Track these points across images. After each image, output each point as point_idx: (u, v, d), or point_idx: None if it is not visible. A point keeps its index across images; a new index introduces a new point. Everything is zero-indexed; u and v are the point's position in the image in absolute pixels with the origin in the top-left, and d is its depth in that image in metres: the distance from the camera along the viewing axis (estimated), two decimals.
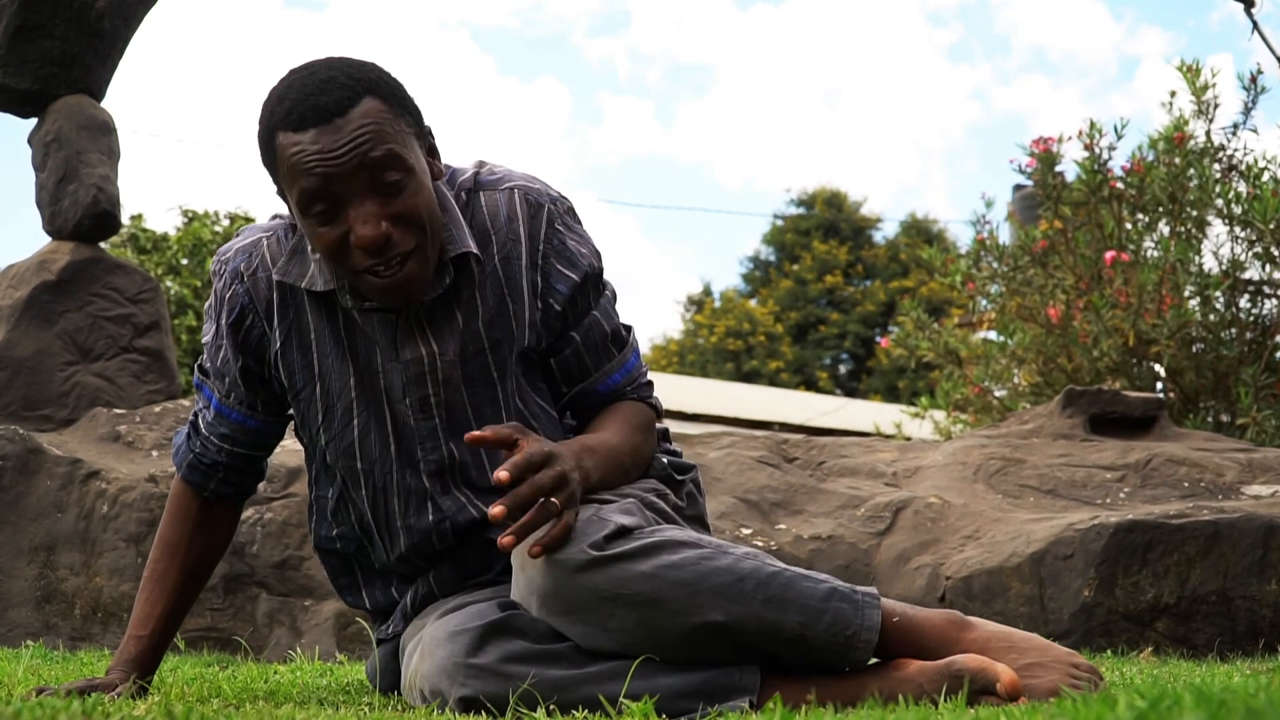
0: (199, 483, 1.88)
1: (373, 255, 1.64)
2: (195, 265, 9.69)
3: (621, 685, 1.58)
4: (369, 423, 1.79)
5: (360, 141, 1.62)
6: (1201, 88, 5.78)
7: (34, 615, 3.24)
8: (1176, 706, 1.04)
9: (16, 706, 1.31)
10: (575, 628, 1.60)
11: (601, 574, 1.56)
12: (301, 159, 1.63)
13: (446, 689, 1.62)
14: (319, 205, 1.64)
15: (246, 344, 1.80)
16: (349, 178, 1.62)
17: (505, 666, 1.61)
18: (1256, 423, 5.10)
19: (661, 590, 1.56)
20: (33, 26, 3.93)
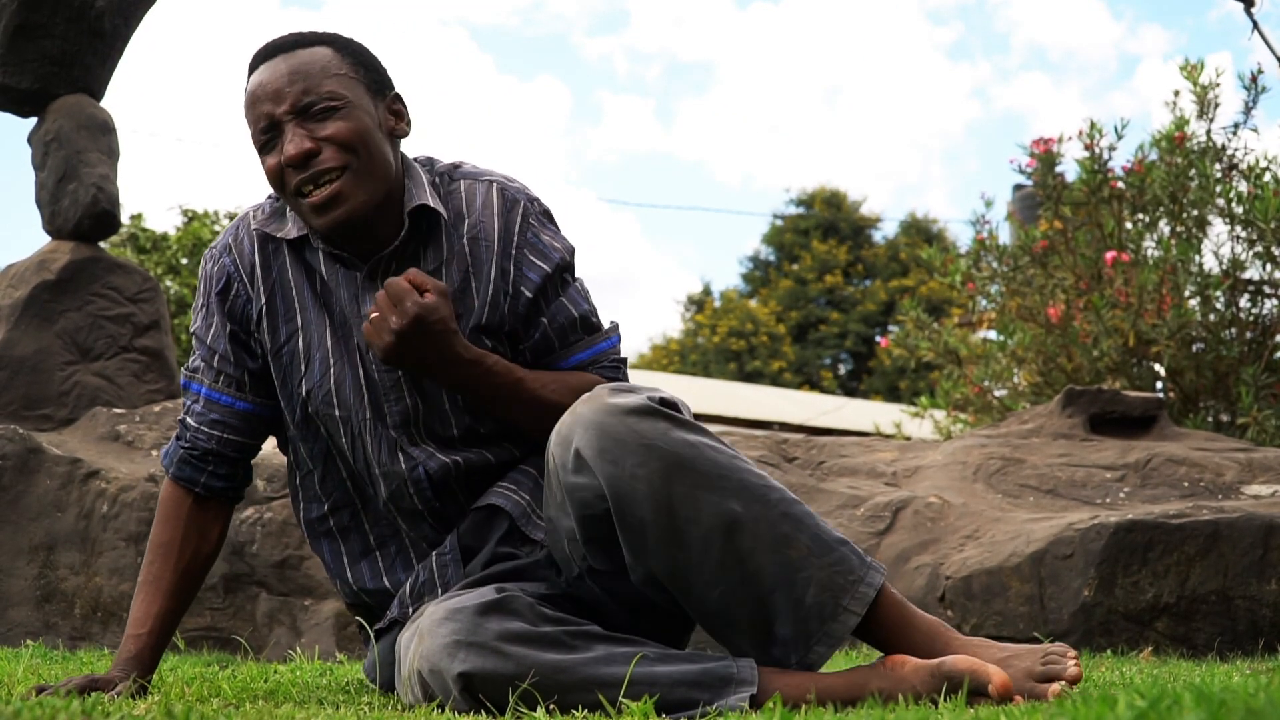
0: (190, 478, 1.89)
1: (300, 169, 1.78)
2: (195, 265, 9.69)
3: (618, 670, 1.59)
4: (344, 372, 1.85)
5: (297, 72, 1.81)
6: (1204, 87, 5.78)
7: (34, 615, 3.24)
8: (1176, 706, 1.04)
9: (16, 706, 1.31)
10: (607, 466, 1.63)
11: (651, 423, 1.64)
12: (251, 92, 1.83)
13: (446, 666, 1.62)
14: (264, 136, 1.81)
15: (234, 311, 1.87)
16: (281, 102, 1.79)
17: (503, 645, 1.61)
18: (1257, 422, 5.10)
19: (697, 459, 1.64)
20: (33, 26, 3.93)
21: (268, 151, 1.82)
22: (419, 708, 1.67)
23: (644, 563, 1.67)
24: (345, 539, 1.94)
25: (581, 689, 1.60)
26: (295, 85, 1.81)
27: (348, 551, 1.94)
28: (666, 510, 1.63)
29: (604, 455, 1.63)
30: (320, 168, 1.78)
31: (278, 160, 1.80)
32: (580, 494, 1.68)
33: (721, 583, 1.65)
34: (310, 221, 1.83)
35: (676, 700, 1.59)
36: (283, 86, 1.81)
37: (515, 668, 1.60)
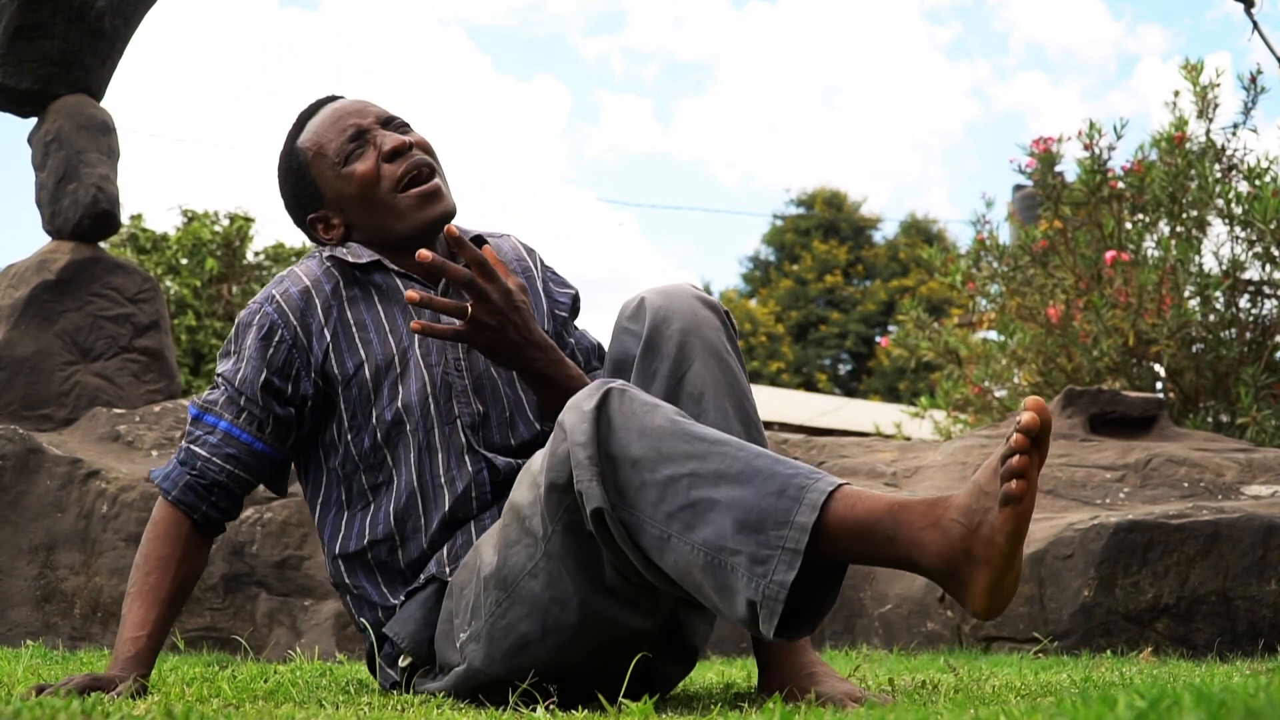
0: (192, 504, 1.92)
1: (402, 159, 1.95)
2: (195, 265, 9.68)
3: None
4: (411, 385, 1.92)
5: (368, 102, 2.03)
6: (1204, 87, 5.78)
7: (34, 615, 3.24)
8: (1176, 706, 1.04)
9: (16, 706, 1.31)
10: (660, 312, 1.80)
11: (711, 311, 1.82)
12: (332, 114, 2.01)
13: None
14: (350, 145, 1.97)
15: (274, 359, 1.92)
16: (366, 115, 1.99)
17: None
18: (1256, 423, 5.10)
19: (728, 370, 1.79)
20: (32, 26, 3.93)
21: (356, 160, 1.97)
22: (427, 700, 1.68)
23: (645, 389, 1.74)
24: (383, 570, 1.95)
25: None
26: (374, 107, 2.02)
27: (385, 580, 1.95)
28: (678, 369, 1.76)
29: (663, 309, 1.79)
30: (419, 158, 1.96)
31: (372, 163, 1.95)
32: (623, 339, 1.82)
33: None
34: (410, 218, 1.95)
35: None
36: (363, 107, 2.02)
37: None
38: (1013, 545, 1.43)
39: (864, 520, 1.49)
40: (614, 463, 1.55)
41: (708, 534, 1.50)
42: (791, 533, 1.47)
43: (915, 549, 1.48)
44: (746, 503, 1.50)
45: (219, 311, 9.69)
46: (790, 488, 1.50)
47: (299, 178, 2.02)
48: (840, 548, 1.50)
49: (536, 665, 1.68)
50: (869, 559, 1.52)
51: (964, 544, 1.45)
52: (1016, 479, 1.41)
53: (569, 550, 1.61)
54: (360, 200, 1.97)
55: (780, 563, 1.47)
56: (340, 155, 1.96)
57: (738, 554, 1.49)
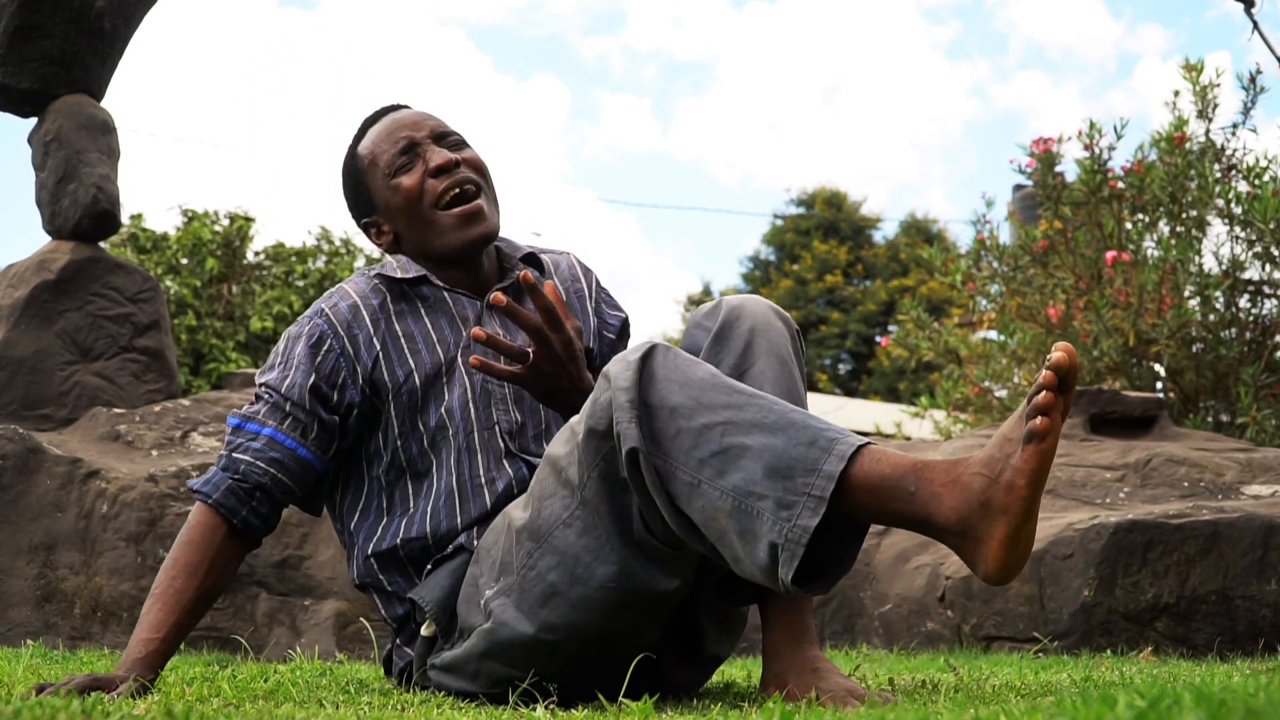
0: (233, 509, 1.90)
1: (446, 176, 2.00)
2: (195, 265, 9.68)
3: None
4: (454, 391, 1.98)
5: (431, 116, 2.08)
6: (1204, 87, 5.78)
7: (34, 614, 3.24)
8: (1176, 706, 1.04)
9: (16, 706, 1.31)
10: (735, 310, 1.84)
11: (782, 321, 1.88)
12: (387, 124, 2.06)
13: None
14: (401, 158, 2.02)
15: (322, 366, 1.97)
16: (420, 129, 2.04)
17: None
18: (1256, 422, 5.10)
19: (789, 363, 1.83)
20: (32, 26, 3.93)
21: (403, 173, 2.02)
22: (427, 700, 1.68)
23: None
24: (415, 564, 1.97)
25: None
26: (432, 120, 2.07)
27: (418, 573, 1.97)
28: (742, 364, 1.78)
29: (737, 308, 1.83)
30: (463, 176, 2.00)
31: (418, 177, 2.01)
32: (694, 333, 1.85)
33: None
34: (449, 237, 2.00)
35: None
36: (421, 119, 2.06)
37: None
38: (1033, 488, 1.45)
39: (887, 475, 1.52)
40: (652, 410, 1.60)
41: (737, 479, 1.54)
42: (818, 480, 1.51)
43: (933, 504, 1.50)
44: (777, 450, 1.54)
45: (219, 311, 9.69)
46: (821, 439, 1.54)
47: (355, 183, 2.10)
48: (862, 501, 1.53)
49: (560, 620, 1.69)
50: (888, 516, 1.53)
51: (983, 495, 1.47)
52: (1041, 415, 1.44)
53: (603, 497, 1.65)
54: (405, 213, 2.03)
55: (805, 508, 1.50)
56: (390, 167, 2.03)
57: (764, 499, 1.52)
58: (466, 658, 1.79)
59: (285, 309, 9.65)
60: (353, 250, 10.42)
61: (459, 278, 2.05)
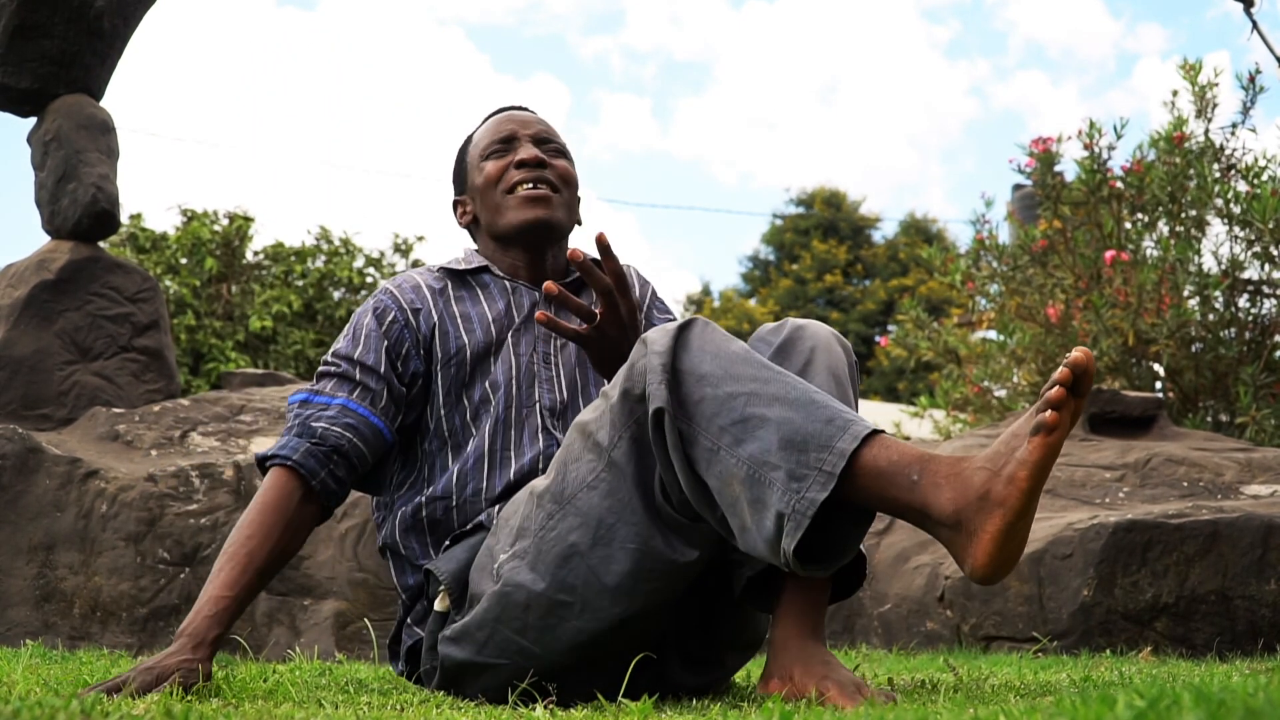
0: (312, 470, 1.91)
1: (526, 169, 2.10)
2: (194, 264, 9.68)
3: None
4: (500, 367, 2.05)
5: (544, 123, 2.19)
6: (1202, 87, 5.78)
7: (33, 614, 3.24)
8: (1175, 706, 1.04)
9: (16, 706, 1.31)
10: (799, 329, 1.88)
11: (841, 346, 1.88)
12: (500, 116, 2.19)
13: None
14: (497, 146, 2.13)
15: (389, 335, 2.05)
16: (528, 127, 2.16)
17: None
18: (1256, 422, 5.10)
19: (845, 383, 1.84)
20: (32, 26, 3.93)
21: (494, 157, 2.13)
22: (427, 700, 1.67)
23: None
24: (434, 530, 1.99)
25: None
26: (542, 126, 2.18)
27: (434, 543, 1.99)
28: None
29: (802, 327, 1.87)
30: (543, 175, 2.11)
31: (504, 163, 2.12)
32: (757, 345, 1.88)
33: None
34: (510, 215, 2.10)
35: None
36: (530, 120, 2.18)
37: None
38: (1034, 481, 1.48)
39: (895, 460, 1.56)
40: (681, 376, 1.65)
41: (754, 449, 1.58)
42: (830, 456, 1.55)
43: (932, 494, 1.53)
44: (795, 423, 1.58)
45: (218, 311, 9.69)
46: (839, 419, 1.58)
47: (458, 162, 2.24)
48: (865, 484, 1.56)
49: (578, 581, 1.70)
50: (889, 502, 1.56)
51: (983, 489, 1.50)
52: (1052, 409, 1.47)
53: (630, 459, 1.69)
54: (482, 194, 2.14)
55: (815, 482, 1.54)
56: (485, 151, 2.15)
57: (778, 469, 1.56)
58: (478, 624, 1.79)
59: (284, 309, 9.65)
60: (352, 250, 10.42)
61: (521, 268, 2.13)
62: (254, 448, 3.57)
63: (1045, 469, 1.48)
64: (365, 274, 10.45)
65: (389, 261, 10.65)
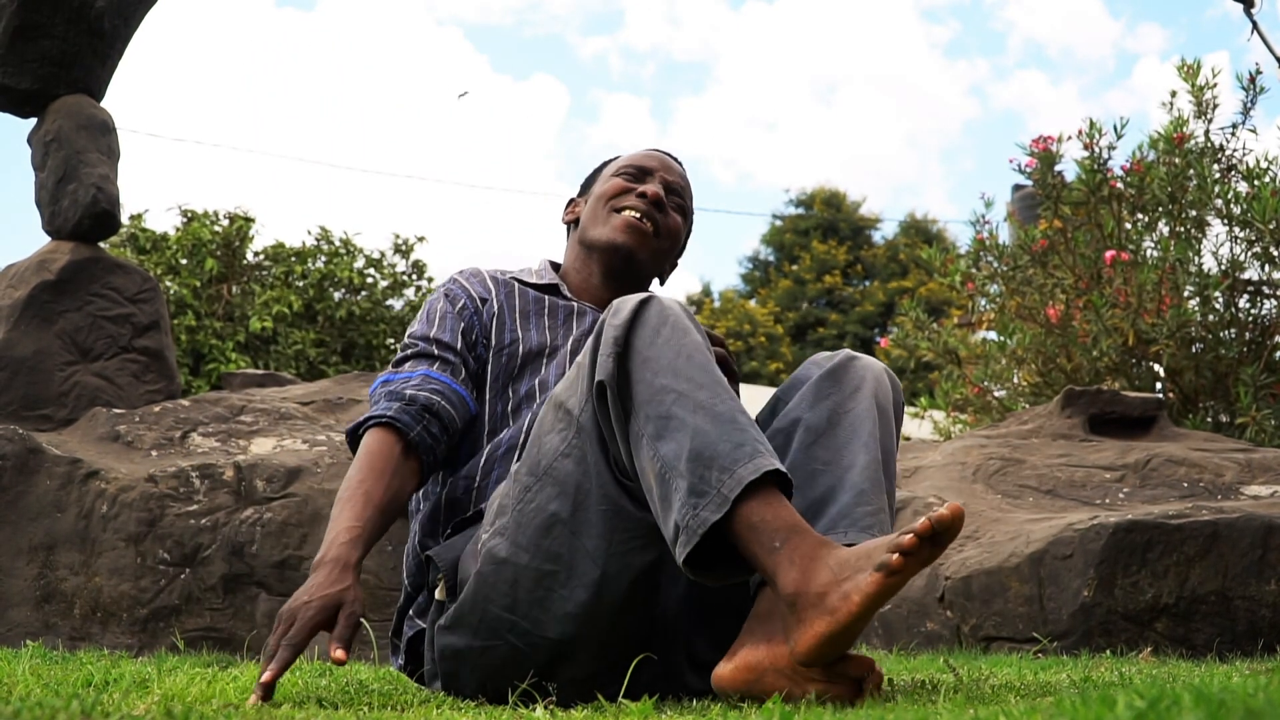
0: (407, 424, 1.94)
1: (643, 201, 2.17)
2: (194, 265, 9.68)
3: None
4: (552, 370, 2.09)
5: (681, 174, 2.28)
6: (1201, 88, 5.79)
7: (33, 615, 3.24)
8: (1175, 706, 1.04)
9: (16, 706, 1.31)
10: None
11: (891, 382, 1.92)
12: (646, 152, 2.29)
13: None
14: (632, 170, 2.22)
15: (462, 317, 2.12)
16: (668, 172, 2.24)
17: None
18: (1256, 423, 5.10)
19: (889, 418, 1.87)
20: (32, 26, 3.93)
21: (623, 177, 2.21)
22: (427, 701, 1.67)
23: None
24: (453, 509, 2.01)
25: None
26: (678, 180, 2.26)
27: (446, 524, 2.01)
28: (845, 403, 1.85)
29: (858, 359, 1.90)
30: (654, 213, 2.17)
31: (630, 187, 2.19)
32: (809, 367, 1.92)
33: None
34: (603, 228, 2.17)
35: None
36: (674, 170, 2.27)
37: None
38: (865, 609, 1.50)
39: (768, 520, 1.58)
40: (630, 353, 1.68)
41: (667, 450, 1.62)
42: (730, 480, 1.57)
43: (782, 568, 1.56)
44: (708, 438, 1.61)
45: (219, 312, 9.69)
46: (749, 445, 1.61)
47: (595, 170, 2.32)
48: (744, 528, 1.59)
49: (562, 549, 1.71)
50: (750, 556, 1.59)
51: (822, 589, 1.53)
52: (901, 554, 1.49)
53: (594, 424, 1.72)
54: (596, 200, 2.21)
55: (711, 502, 1.57)
56: (619, 170, 2.23)
57: (682, 478, 1.59)
58: (469, 606, 1.79)
59: (285, 309, 9.65)
60: (352, 251, 10.42)
61: (593, 287, 2.19)
62: (254, 448, 3.57)
63: (880, 601, 1.51)
64: (365, 274, 10.45)
65: (389, 262, 10.65)
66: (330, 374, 9.66)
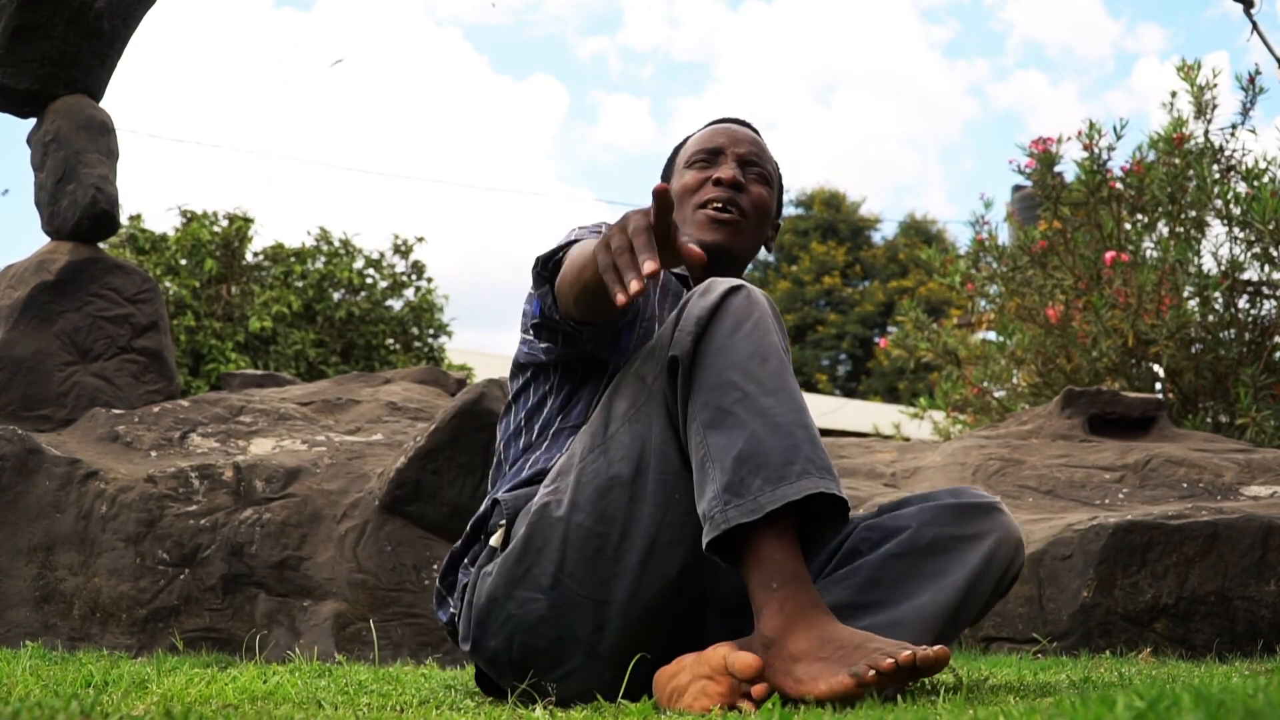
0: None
1: (721, 189, 2.10)
2: (194, 265, 9.67)
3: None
4: (634, 340, 2.06)
5: (757, 144, 2.17)
6: (1201, 88, 5.79)
7: (33, 615, 3.24)
8: (1175, 707, 1.04)
9: (15, 706, 1.31)
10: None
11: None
12: (715, 127, 2.20)
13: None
14: (703, 156, 2.14)
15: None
16: (737, 145, 2.15)
17: None
18: (1255, 423, 5.10)
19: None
20: (31, 26, 3.93)
21: (696, 167, 2.14)
22: (426, 701, 1.67)
23: None
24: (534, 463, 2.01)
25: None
26: (751, 148, 2.16)
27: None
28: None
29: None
30: (735, 197, 2.10)
31: (704, 176, 2.12)
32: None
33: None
34: (693, 233, 2.11)
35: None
36: (744, 138, 2.17)
37: None
38: (824, 698, 1.55)
39: (780, 560, 1.63)
40: (708, 338, 1.70)
41: (716, 442, 1.65)
42: (770, 494, 1.61)
43: (769, 610, 1.61)
44: (761, 445, 1.63)
45: (218, 312, 9.69)
46: (799, 463, 1.63)
47: (668, 162, 2.26)
48: (752, 558, 1.63)
49: (617, 513, 1.73)
50: (749, 581, 1.64)
51: (796, 653, 1.59)
52: (875, 672, 1.53)
53: (666, 395, 1.74)
54: (678, 199, 2.14)
55: (745, 507, 1.61)
56: (691, 159, 2.17)
57: (721, 473, 1.63)
58: (518, 556, 1.80)
59: (284, 309, 9.65)
60: (352, 251, 10.42)
61: (690, 279, 2.14)
62: (253, 449, 3.57)
63: (841, 699, 1.55)
64: (365, 275, 10.45)
65: (388, 262, 10.64)
66: (330, 374, 9.66)
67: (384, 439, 3.63)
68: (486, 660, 1.85)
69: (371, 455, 3.50)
